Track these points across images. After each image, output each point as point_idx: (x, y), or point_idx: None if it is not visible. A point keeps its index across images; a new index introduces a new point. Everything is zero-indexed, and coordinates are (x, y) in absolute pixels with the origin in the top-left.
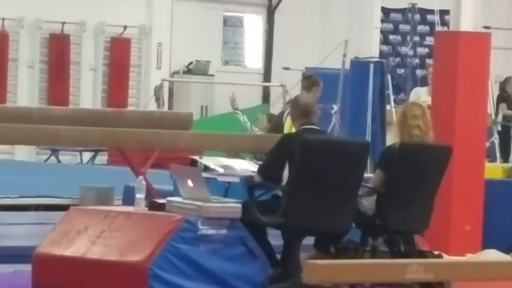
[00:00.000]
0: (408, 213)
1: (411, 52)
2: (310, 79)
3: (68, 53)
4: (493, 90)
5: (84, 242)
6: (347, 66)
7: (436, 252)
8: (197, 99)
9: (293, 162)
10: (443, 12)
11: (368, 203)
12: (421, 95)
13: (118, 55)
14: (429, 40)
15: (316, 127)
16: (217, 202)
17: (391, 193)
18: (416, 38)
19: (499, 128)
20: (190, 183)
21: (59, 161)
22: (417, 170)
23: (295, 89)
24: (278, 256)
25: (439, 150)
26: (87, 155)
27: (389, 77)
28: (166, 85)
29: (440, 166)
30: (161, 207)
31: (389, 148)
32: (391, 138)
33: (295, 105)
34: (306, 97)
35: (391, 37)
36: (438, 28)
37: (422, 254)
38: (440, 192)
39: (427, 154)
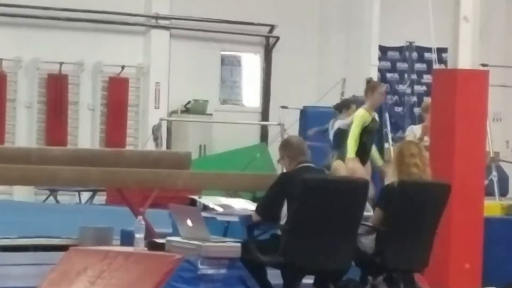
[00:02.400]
0: (408, 251)
1: (408, 90)
2: (368, 84)
3: (66, 93)
4: (491, 128)
5: (84, 282)
6: None
7: None
8: (195, 138)
9: (291, 200)
10: (441, 50)
11: (367, 242)
12: (416, 133)
13: (116, 95)
14: (427, 78)
15: (313, 166)
16: (216, 242)
17: (391, 231)
18: (414, 76)
19: None
20: (189, 222)
21: (57, 201)
22: (416, 208)
23: (293, 128)
24: None
25: (438, 188)
26: (85, 195)
27: (387, 115)
28: (164, 124)
29: (439, 204)
30: (161, 246)
31: (388, 187)
32: (389, 176)
33: (289, 145)
34: (297, 137)
35: (389, 75)
36: (436, 66)
37: None
38: (439, 230)
39: (426, 192)
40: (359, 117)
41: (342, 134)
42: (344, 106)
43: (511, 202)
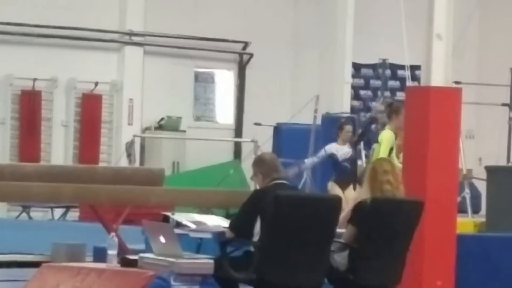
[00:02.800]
0: (380, 268)
1: (382, 108)
2: (390, 107)
3: (39, 110)
4: (464, 145)
5: None
6: (319, 121)
7: None
8: (169, 155)
9: (264, 217)
10: (414, 67)
11: (340, 258)
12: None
13: (90, 111)
14: (400, 95)
15: (286, 183)
16: (189, 258)
17: (363, 248)
18: (387, 93)
19: None
20: (162, 239)
21: (30, 217)
22: (389, 225)
23: (266, 145)
24: None
25: (411, 205)
26: (58, 212)
27: (359, 132)
28: (137, 141)
29: (412, 221)
30: (133, 263)
31: (361, 204)
32: (362, 193)
33: (262, 162)
34: (270, 154)
35: (362, 92)
36: (409, 83)
37: None
38: (412, 247)
39: (399, 209)
40: (387, 138)
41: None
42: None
43: (484, 219)
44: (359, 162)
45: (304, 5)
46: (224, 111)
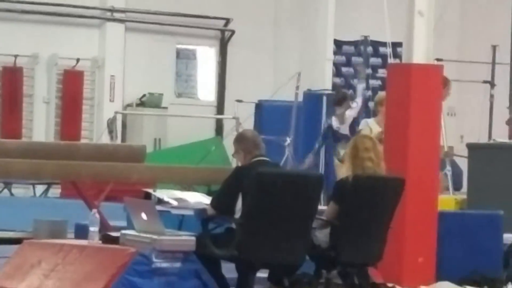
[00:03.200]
0: (362, 245)
1: (363, 85)
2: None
3: (21, 86)
4: (446, 122)
5: (38, 275)
6: (300, 98)
7: (389, 285)
8: (150, 132)
9: (246, 194)
10: (396, 45)
11: (321, 236)
12: (372, 127)
13: (71, 88)
14: (382, 72)
15: (268, 160)
16: (171, 235)
17: (345, 225)
18: (369, 71)
19: None
20: (144, 216)
21: (12, 194)
22: (370, 203)
23: (248, 122)
24: None
25: (392, 182)
26: (40, 188)
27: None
28: (119, 117)
29: (393, 198)
30: (115, 240)
31: (342, 181)
32: (343, 170)
33: (243, 139)
34: (252, 131)
35: (344, 69)
36: (391, 60)
37: (375, 287)
38: (393, 224)
39: (380, 186)
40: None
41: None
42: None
43: (465, 197)
44: None
45: None
46: (205, 88)
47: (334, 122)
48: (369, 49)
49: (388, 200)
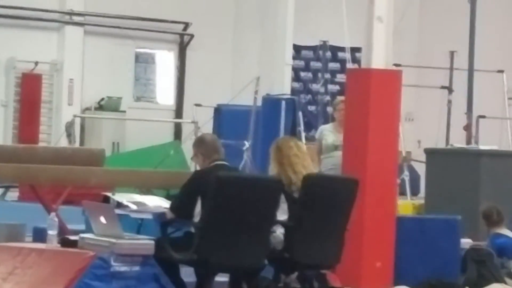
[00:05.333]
0: (317, 246)
1: (322, 89)
2: None
3: None
4: (404, 127)
5: None
6: (259, 103)
7: None
8: (109, 135)
9: (205, 198)
10: (355, 50)
11: (276, 238)
12: (325, 133)
13: (30, 91)
14: (340, 77)
15: (227, 164)
16: (130, 239)
17: (297, 226)
18: (327, 75)
19: None
20: (102, 219)
21: None
22: (322, 203)
23: (206, 126)
24: None
25: (345, 182)
26: None
27: (300, 114)
28: (77, 121)
29: (347, 199)
30: (74, 244)
31: (291, 182)
32: (272, 171)
33: (203, 143)
34: (211, 135)
35: (302, 74)
36: (349, 65)
37: None
38: (351, 228)
39: (332, 186)
40: None
41: None
42: None
43: (423, 202)
44: None
45: None
46: (164, 92)
47: None
48: (328, 54)
49: (342, 200)
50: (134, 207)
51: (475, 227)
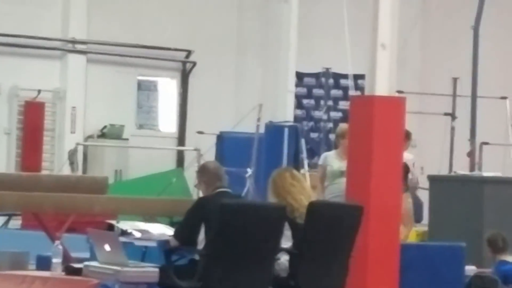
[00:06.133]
0: (322, 274)
1: (324, 116)
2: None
3: None
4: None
5: None
6: (262, 130)
7: None
8: (111, 163)
9: (209, 225)
10: (357, 77)
11: (281, 265)
12: (329, 159)
13: (32, 119)
14: (343, 104)
15: (229, 191)
16: (134, 267)
17: (302, 253)
18: (330, 102)
19: None
20: (107, 247)
21: None
22: (327, 230)
23: (209, 153)
24: None
25: (350, 209)
26: (0, 219)
27: (303, 141)
28: (80, 149)
29: (352, 226)
30: (78, 271)
31: (294, 210)
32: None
33: (206, 170)
34: (214, 162)
35: (305, 101)
36: (352, 92)
37: None
38: (356, 255)
39: (337, 213)
40: None
41: None
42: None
43: (426, 229)
44: (301, 171)
45: (248, 14)
46: (167, 119)
47: None
48: (331, 81)
49: (346, 227)
50: (138, 234)
51: (479, 254)
